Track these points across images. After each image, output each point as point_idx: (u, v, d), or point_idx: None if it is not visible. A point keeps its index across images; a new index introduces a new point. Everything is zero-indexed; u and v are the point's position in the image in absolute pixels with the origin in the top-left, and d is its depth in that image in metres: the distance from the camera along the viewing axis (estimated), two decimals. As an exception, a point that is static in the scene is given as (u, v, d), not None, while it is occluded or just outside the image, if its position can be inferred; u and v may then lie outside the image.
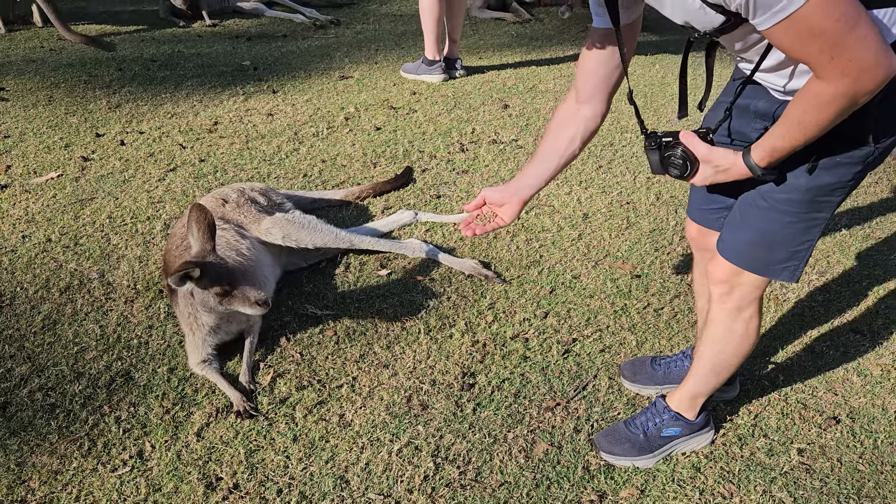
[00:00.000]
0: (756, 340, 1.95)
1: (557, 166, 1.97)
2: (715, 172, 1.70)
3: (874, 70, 1.35)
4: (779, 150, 1.57)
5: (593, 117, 1.92)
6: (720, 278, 1.88)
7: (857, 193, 3.48)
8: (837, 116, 1.45)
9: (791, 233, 1.73)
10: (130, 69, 5.09)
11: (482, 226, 1.98)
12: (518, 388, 2.37)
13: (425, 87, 4.79)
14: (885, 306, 2.73)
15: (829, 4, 1.32)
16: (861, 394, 2.35)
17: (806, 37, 1.36)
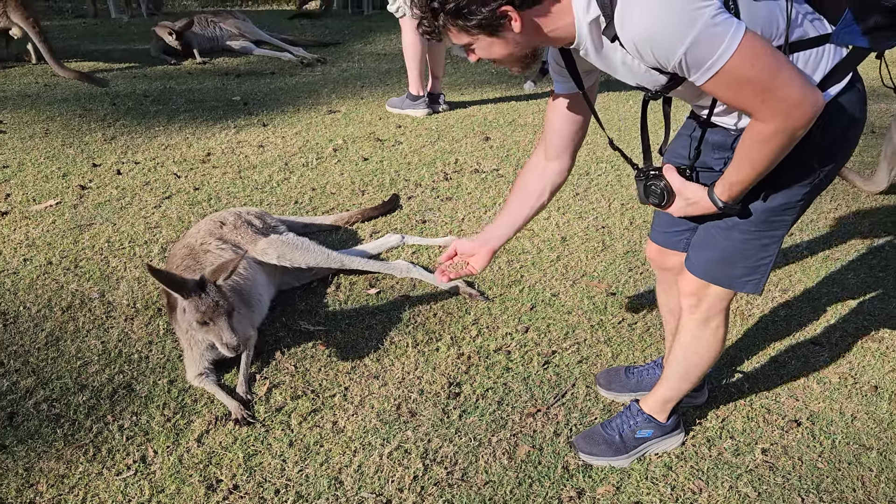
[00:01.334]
0: (722, 348, 2.11)
1: (526, 218, 2.15)
2: (686, 205, 1.87)
3: (802, 107, 1.53)
4: (736, 185, 1.73)
5: (560, 172, 2.10)
6: (689, 291, 2.04)
7: (818, 218, 3.70)
8: (781, 150, 1.61)
9: (750, 249, 1.90)
10: (124, 104, 5.26)
11: (456, 272, 2.16)
12: (501, 397, 2.51)
13: (410, 120, 5.00)
14: (842, 320, 2.92)
15: (751, 57, 1.49)
16: (820, 399, 2.52)
17: (737, 86, 1.54)
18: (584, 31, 1.65)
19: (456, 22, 1.62)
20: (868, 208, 3.85)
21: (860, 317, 2.94)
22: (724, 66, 1.51)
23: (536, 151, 2.13)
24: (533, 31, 1.66)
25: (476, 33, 1.65)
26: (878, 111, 5.32)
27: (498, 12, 1.59)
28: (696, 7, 1.48)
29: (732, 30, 1.49)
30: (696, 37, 1.48)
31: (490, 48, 1.69)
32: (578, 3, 1.63)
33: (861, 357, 2.71)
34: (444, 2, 1.59)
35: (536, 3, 1.61)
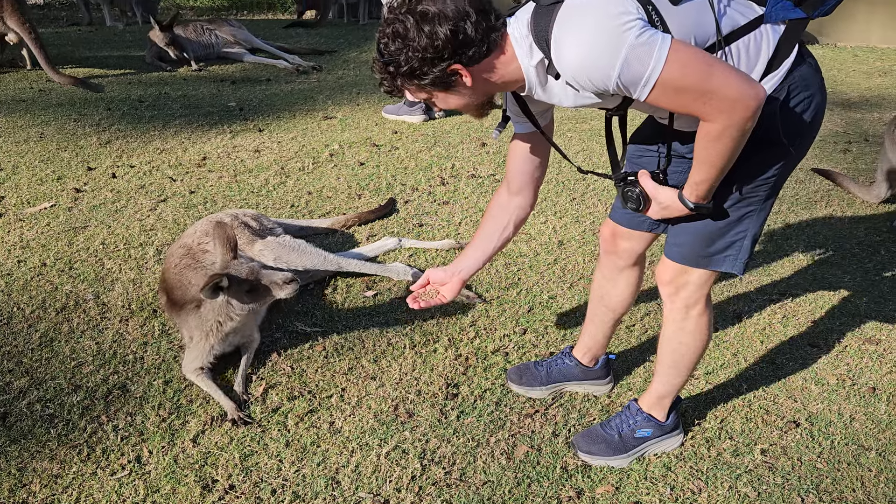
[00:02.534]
0: (709, 335, 2.12)
1: (494, 249, 2.24)
2: (661, 208, 1.91)
3: (742, 101, 1.57)
4: (701, 184, 1.78)
5: (523, 206, 2.20)
6: (666, 280, 2.07)
7: (814, 223, 3.71)
8: (735, 144, 1.66)
9: (725, 224, 1.93)
10: (119, 109, 5.25)
11: (427, 301, 2.20)
12: (499, 398, 2.50)
13: (406, 126, 5.01)
14: (839, 323, 2.92)
15: (681, 66, 1.56)
16: (818, 400, 2.52)
17: (676, 95, 1.61)
18: (532, 74, 1.76)
19: (411, 82, 1.74)
20: (863, 214, 3.86)
21: (857, 319, 2.94)
22: (659, 79, 1.58)
23: (501, 188, 2.23)
24: (483, 82, 1.76)
25: (431, 90, 1.77)
26: (872, 119, 5.36)
27: (448, 70, 1.70)
28: (620, 31, 1.56)
29: (658, 44, 1.56)
30: (624, 59, 1.56)
31: (447, 101, 1.81)
32: (521, 51, 1.73)
33: (858, 359, 2.71)
34: (398, 65, 1.71)
35: (483, 58, 1.71)
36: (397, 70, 1.71)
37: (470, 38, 1.66)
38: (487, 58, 1.72)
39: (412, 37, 1.66)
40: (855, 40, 7.96)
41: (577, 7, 1.62)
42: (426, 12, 1.65)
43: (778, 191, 1.94)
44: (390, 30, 1.69)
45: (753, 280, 3.21)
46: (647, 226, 2.20)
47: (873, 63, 7.17)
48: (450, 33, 1.64)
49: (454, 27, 1.64)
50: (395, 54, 1.70)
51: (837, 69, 6.88)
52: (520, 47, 1.73)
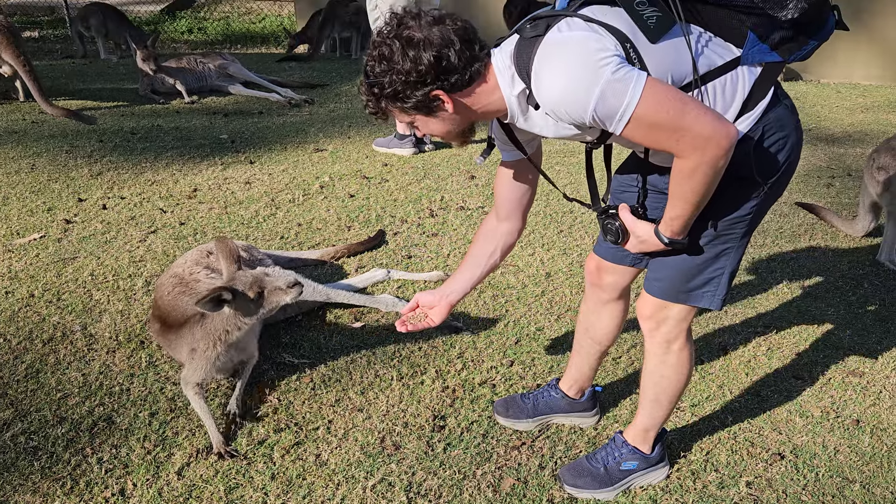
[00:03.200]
0: (690, 370, 2.13)
1: (482, 274, 2.27)
2: (638, 242, 1.94)
3: (714, 139, 1.62)
4: (676, 220, 1.82)
5: (511, 232, 2.24)
6: (646, 314, 2.09)
7: (798, 256, 3.76)
8: (707, 181, 1.70)
9: (703, 261, 1.96)
10: (111, 140, 5.28)
11: (414, 324, 2.24)
12: (486, 430, 2.50)
13: (396, 159, 5.06)
14: (823, 355, 2.95)
15: (655, 103, 1.61)
16: (803, 433, 2.53)
17: (649, 130, 1.66)
18: (514, 103, 1.81)
19: (395, 104, 1.79)
20: (846, 248, 3.91)
21: (840, 352, 2.97)
22: (633, 115, 1.62)
23: (490, 214, 2.26)
24: (465, 109, 1.81)
25: (414, 113, 1.81)
26: (854, 154, 5.45)
27: (430, 96, 1.75)
28: (597, 66, 1.61)
29: (634, 81, 1.61)
30: (601, 93, 1.61)
31: (428, 125, 1.86)
32: (504, 80, 1.78)
33: (842, 391, 2.74)
34: (383, 87, 1.76)
35: (465, 86, 1.76)
36: (381, 92, 1.77)
37: (453, 65, 1.72)
38: (470, 86, 1.77)
39: (397, 60, 1.71)
40: (838, 77, 8.12)
41: (557, 41, 1.68)
42: (412, 38, 1.70)
43: (754, 228, 1.98)
44: (377, 52, 1.75)
45: (738, 312, 3.23)
46: (630, 260, 2.23)
47: (856, 99, 7.31)
48: (433, 59, 1.70)
49: (438, 54, 1.70)
50: (379, 76, 1.75)
51: (821, 105, 7.00)
52: (502, 77, 1.78)
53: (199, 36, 10.33)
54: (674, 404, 2.19)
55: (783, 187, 1.95)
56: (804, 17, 1.73)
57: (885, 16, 7.67)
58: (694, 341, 2.17)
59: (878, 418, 2.60)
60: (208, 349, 2.50)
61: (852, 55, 7.82)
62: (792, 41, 1.78)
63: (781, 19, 1.72)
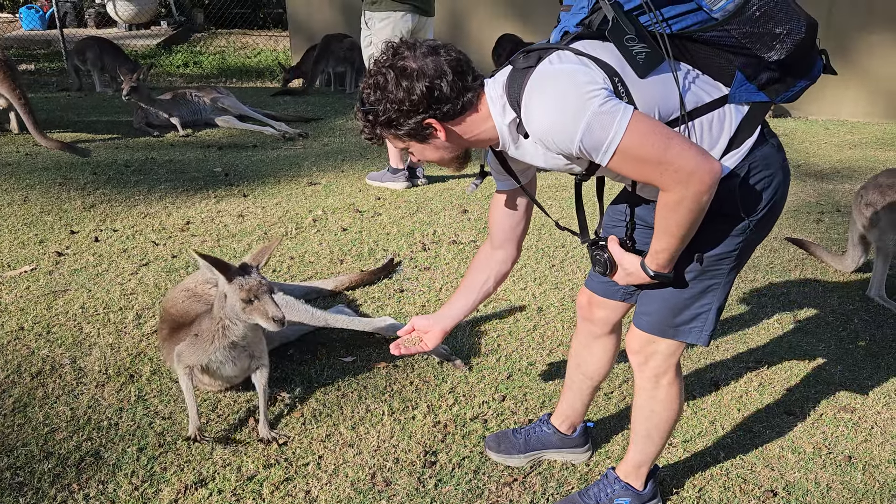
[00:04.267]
0: (680, 405, 2.13)
1: (475, 301, 2.30)
2: (626, 274, 1.97)
3: (697, 174, 1.67)
4: (661, 253, 1.85)
5: (505, 261, 2.26)
6: (635, 349, 2.10)
7: (789, 291, 3.78)
8: (691, 215, 1.73)
9: (690, 297, 1.98)
10: (105, 173, 5.30)
11: (408, 348, 2.26)
12: (477, 466, 2.49)
13: (389, 193, 5.08)
14: (814, 391, 2.95)
15: (640, 136, 1.66)
16: (795, 469, 2.53)
17: (635, 163, 1.70)
18: (505, 132, 1.86)
19: (389, 131, 1.85)
20: (836, 283, 3.94)
21: (832, 387, 2.97)
22: (619, 147, 1.67)
23: (485, 242, 2.30)
24: (457, 137, 1.86)
25: (408, 140, 1.87)
26: (843, 191, 5.51)
27: (423, 124, 1.81)
28: (585, 98, 1.66)
29: (620, 114, 1.65)
30: (587, 125, 1.66)
31: (423, 152, 1.91)
32: (495, 110, 1.84)
33: (834, 427, 2.73)
34: (377, 115, 1.82)
35: (457, 115, 1.82)
36: (376, 119, 1.83)
37: (445, 95, 1.77)
38: (461, 115, 1.82)
39: (391, 89, 1.77)
40: (826, 114, 8.23)
41: (547, 73, 1.74)
42: (406, 68, 1.76)
43: (742, 265, 2.00)
44: (372, 81, 1.81)
45: (730, 348, 3.24)
46: (621, 295, 2.24)
47: (844, 136, 7.41)
48: (426, 89, 1.75)
49: (430, 84, 1.75)
50: (374, 104, 1.81)
51: (809, 141, 7.09)
52: (494, 106, 1.83)
53: (194, 70, 10.40)
54: (665, 440, 2.18)
55: (770, 225, 1.98)
56: (790, 59, 1.77)
57: (871, 54, 7.82)
58: (685, 376, 2.18)
59: (870, 454, 2.60)
60: (206, 340, 2.53)
61: (840, 92, 7.93)
62: (779, 82, 1.83)
63: (768, 60, 1.77)
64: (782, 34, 1.74)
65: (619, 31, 1.75)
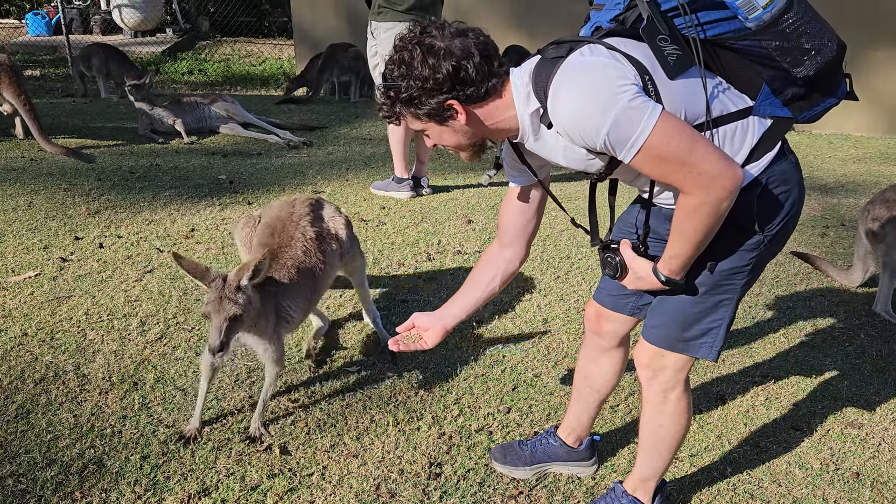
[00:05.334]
0: (688, 420, 2.11)
1: (478, 300, 2.24)
2: (636, 279, 1.96)
3: (720, 179, 1.66)
4: (675, 259, 1.84)
5: (512, 260, 2.21)
6: (643, 363, 2.08)
7: (795, 306, 3.77)
8: (710, 221, 1.72)
9: (700, 311, 1.96)
10: (110, 179, 5.30)
11: (407, 344, 2.20)
12: (483, 478, 2.47)
13: (394, 202, 5.08)
14: (821, 406, 2.93)
15: (666, 136, 1.65)
16: (803, 485, 2.51)
17: (658, 163, 1.69)
18: (526, 121, 1.84)
19: (409, 110, 1.83)
20: (843, 297, 3.92)
21: (839, 403, 2.96)
22: (644, 144, 1.66)
23: (494, 240, 2.26)
24: (478, 123, 1.84)
25: (426, 121, 1.84)
26: (848, 205, 5.50)
27: (445, 105, 1.79)
28: (614, 92, 1.65)
29: (649, 111, 1.65)
30: (615, 119, 1.65)
31: (440, 135, 1.89)
32: (519, 98, 1.82)
33: (842, 443, 2.72)
34: (399, 91, 1.80)
35: (480, 99, 1.80)
36: (397, 96, 1.80)
37: (470, 77, 1.76)
38: (484, 100, 1.81)
39: (416, 66, 1.75)
40: (830, 128, 8.23)
41: (578, 64, 1.73)
42: (433, 46, 1.75)
43: (753, 281, 1.99)
44: (397, 56, 1.79)
45: (736, 362, 3.22)
46: (629, 309, 2.23)
47: (848, 150, 7.41)
48: (452, 69, 1.74)
49: (457, 64, 1.74)
50: (397, 80, 1.79)
51: (814, 156, 7.09)
52: (518, 95, 1.82)
53: (199, 77, 10.44)
54: (673, 454, 2.17)
55: (783, 241, 1.97)
56: (818, 76, 1.78)
57: (875, 70, 7.82)
58: (692, 390, 2.16)
59: (878, 471, 2.58)
60: None
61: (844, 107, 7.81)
62: (803, 99, 1.84)
63: (795, 75, 1.78)
64: (813, 50, 1.75)
65: (653, 30, 1.73)
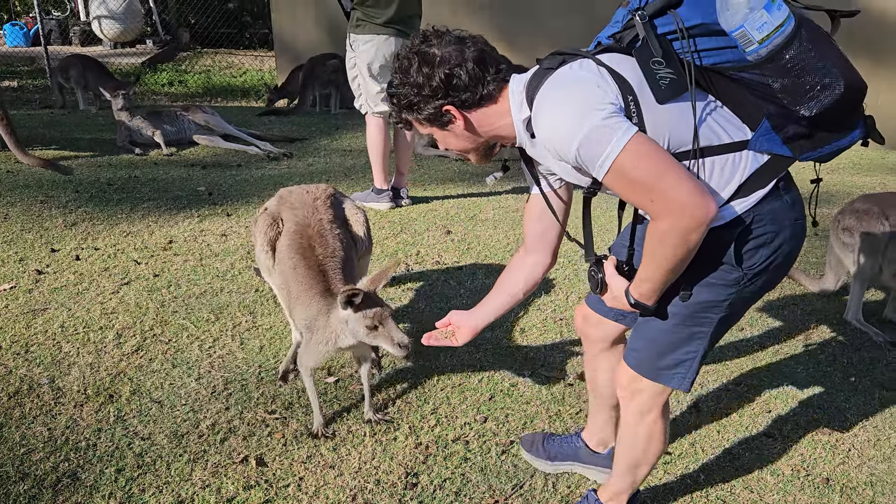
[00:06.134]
0: (663, 444, 2.12)
1: (505, 304, 2.28)
2: (612, 297, 1.95)
3: (688, 209, 1.62)
4: (644, 283, 1.81)
5: (535, 265, 2.23)
6: (622, 384, 2.09)
7: (767, 314, 3.82)
8: (679, 250, 1.68)
9: (675, 341, 1.96)
10: (87, 191, 5.27)
11: (439, 340, 2.29)
12: (459, 487, 2.48)
13: (373, 213, 5.09)
14: (793, 413, 2.98)
15: (635, 158, 1.64)
16: (774, 491, 2.54)
17: (627, 183, 1.69)
18: (521, 128, 1.89)
19: (412, 115, 1.91)
20: (814, 306, 3.99)
21: (809, 409, 3.01)
22: (613, 164, 1.66)
23: (521, 246, 2.29)
24: (476, 128, 1.91)
25: (429, 126, 1.93)
26: (820, 215, 5.56)
27: (442, 110, 1.86)
28: (590, 109, 1.68)
29: (621, 132, 1.64)
30: (586, 135, 1.67)
31: (446, 140, 1.96)
32: (514, 105, 1.87)
33: (812, 449, 2.76)
34: (400, 98, 1.90)
35: (476, 104, 1.86)
36: (399, 102, 1.91)
37: (463, 83, 1.83)
38: (480, 106, 1.87)
39: (412, 74, 1.85)
40: (804, 139, 8.37)
41: (565, 77, 1.78)
42: (428, 54, 1.83)
43: (734, 318, 1.98)
44: (398, 65, 1.89)
45: (710, 369, 3.27)
46: (613, 315, 2.26)
47: (821, 161, 7.51)
48: (444, 76, 1.82)
49: (450, 71, 1.81)
50: (398, 87, 1.89)
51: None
52: (514, 102, 1.87)
53: (179, 88, 10.42)
54: (647, 472, 2.18)
55: (771, 282, 1.94)
56: (823, 116, 1.70)
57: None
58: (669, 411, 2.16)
59: (848, 477, 2.62)
60: (320, 344, 2.64)
61: (817, 119, 8.05)
62: (806, 138, 1.76)
63: (798, 114, 1.70)
64: (816, 89, 1.67)
65: (646, 52, 1.72)
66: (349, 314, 2.52)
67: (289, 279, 2.83)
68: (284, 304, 2.98)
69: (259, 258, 3.03)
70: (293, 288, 2.80)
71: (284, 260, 2.86)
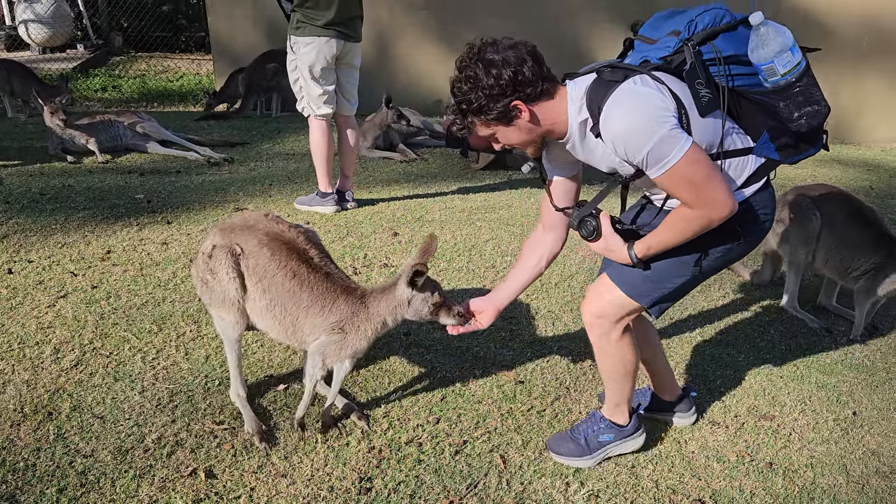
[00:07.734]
0: (636, 347, 2.51)
1: (527, 280, 2.63)
2: (606, 248, 2.34)
3: (722, 206, 2.13)
4: (653, 247, 2.27)
5: (555, 241, 2.59)
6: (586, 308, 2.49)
7: (709, 306, 3.93)
8: (697, 231, 2.20)
9: (662, 270, 2.34)
10: (18, 202, 5.08)
11: (465, 326, 2.60)
12: (413, 490, 2.48)
13: (319, 217, 5.04)
14: (736, 400, 3.07)
15: (692, 163, 2.08)
16: (721, 477, 2.61)
17: (679, 182, 2.12)
18: (575, 127, 2.22)
19: (479, 118, 2.18)
20: (754, 296, 4.12)
21: (751, 396, 3.10)
22: (673, 166, 2.08)
23: (538, 225, 2.63)
24: (538, 121, 2.20)
25: (496, 125, 2.20)
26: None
27: (510, 106, 2.14)
28: (660, 120, 2.07)
29: (683, 140, 2.08)
30: (658, 140, 2.06)
31: (508, 136, 2.24)
32: (572, 107, 2.20)
33: (755, 435, 2.85)
34: (470, 104, 2.15)
35: (538, 97, 2.15)
36: (469, 107, 2.15)
37: (528, 78, 2.12)
38: (540, 100, 2.16)
39: (481, 78, 2.11)
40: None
41: (632, 91, 2.11)
42: (492, 59, 2.11)
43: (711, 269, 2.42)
44: (463, 75, 2.14)
45: (656, 361, 3.33)
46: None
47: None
48: (512, 74, 2.10)
49: (515, 70, 2.10)
50: (466, 94, 2.14)
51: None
52: (572, 104, 2.20)
53: (113, 94, 10.11)
54: (633, 377, 2.55)
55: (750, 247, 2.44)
56: (808, 132, 2.24)
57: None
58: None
59: (790, 460, 2.71)
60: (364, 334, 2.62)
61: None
62: (790, 147, 2.29)
63: (791, 129, 2.22)
64: (810, 112, 2.19)
65: (694, 74, 2.15)
66: (413, 294, 2.56)
67: (286, 291, 2.60)
68: (276, 324, 2.67)
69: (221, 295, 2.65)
70: (302, 297, 2.60)
71: (272, 273, 2.61)
